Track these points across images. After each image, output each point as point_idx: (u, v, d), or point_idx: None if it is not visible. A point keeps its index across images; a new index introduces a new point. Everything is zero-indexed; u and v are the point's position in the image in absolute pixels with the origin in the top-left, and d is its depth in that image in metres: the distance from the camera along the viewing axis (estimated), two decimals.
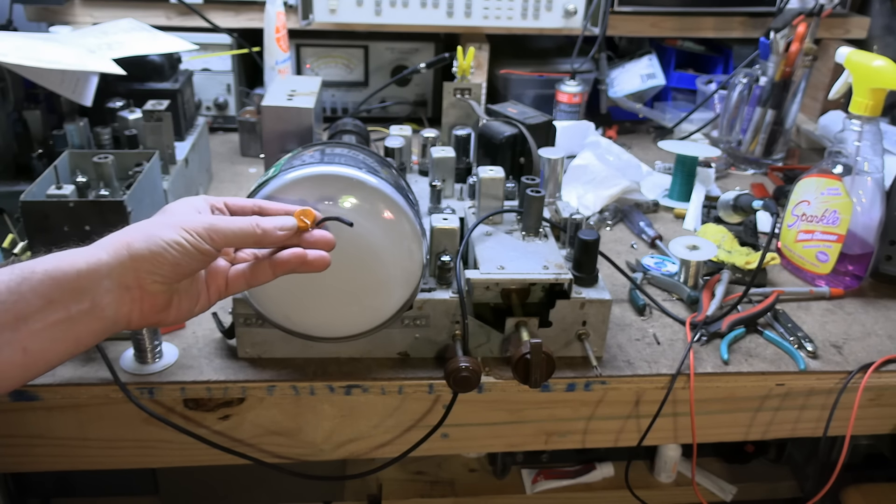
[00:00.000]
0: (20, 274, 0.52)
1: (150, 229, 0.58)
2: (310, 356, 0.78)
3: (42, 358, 0.54)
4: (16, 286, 0.51)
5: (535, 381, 0.72)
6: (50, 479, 1.37)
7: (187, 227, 0.58)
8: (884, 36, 1.48)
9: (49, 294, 0.53)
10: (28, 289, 0.52)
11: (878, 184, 0.95)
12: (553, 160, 0.94)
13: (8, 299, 0.51)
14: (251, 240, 0.61)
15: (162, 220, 0.59)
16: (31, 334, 0.52)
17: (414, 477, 1.44)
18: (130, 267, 0.56)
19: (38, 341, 0.53)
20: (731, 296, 0.93)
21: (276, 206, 0.65)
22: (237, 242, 0.61)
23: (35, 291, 0.52)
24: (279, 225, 0.62)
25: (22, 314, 0.52)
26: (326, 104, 1.47)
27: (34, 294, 0.52)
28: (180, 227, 0.58)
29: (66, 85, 0.97)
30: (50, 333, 0.53)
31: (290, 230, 0.62)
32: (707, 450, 1.52)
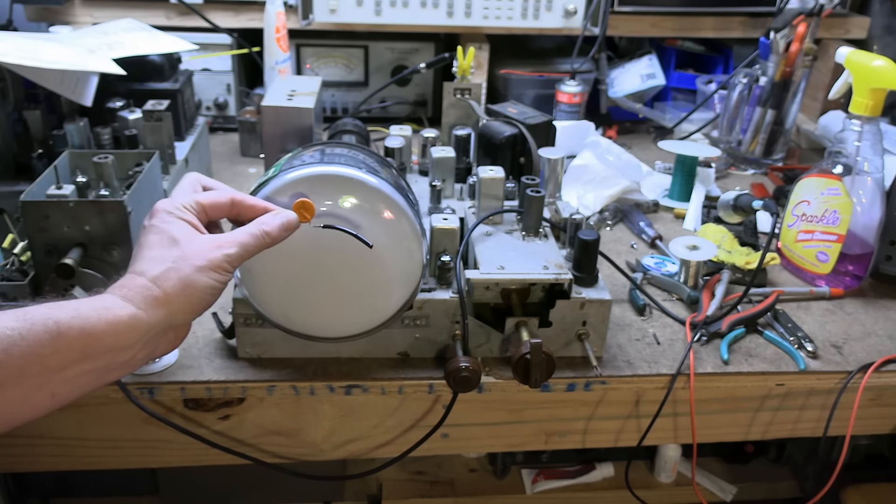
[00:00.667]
0: (54, 329, 0.51)
1: (182, 277, 0.57)
2: (310, 356, 0.78)
3: (67, 399, 0.54)
4: (50, 341, 0.51)
5: (535, 381, 0.72)
6: (50, 479, 1.37)
7: (215, 267, 0.59)
8: (884, 36, 1.48)
9: (85, 350, 0.53)
10: (64, 344, 0.52)
11: (878, 184, 0.95)
12: (553, 160, 0.94)
13: (42, 352, 0.51)
14: (261, 249, 0.63)
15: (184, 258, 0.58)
16: (62, 381, 0.53)
17: (414, 477, 1.44)
18: (168, 321, 0.58)
19: (68, 387, 0.53)
20: (731, 296, 0.93)
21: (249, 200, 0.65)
22: (249, 257, 0.62)
23: (70, 347, 0.52)
24: (284, 224, 0.63)
25: (55, 367, 0.52)
26: (326, 104, 1.47)
27: (69, 349, 0.52)
28: (210, 270, 0.58)
29: (66, 85, 0.97)
30: (82, 380, 0.54)
31: (293, 228, 0.64)
32: (707, 450, 1.52)
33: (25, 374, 0.50)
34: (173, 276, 0.57)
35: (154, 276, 0.57)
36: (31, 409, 0.52)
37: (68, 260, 0.78)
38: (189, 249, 0.59)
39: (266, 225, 0.62)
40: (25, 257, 0.85)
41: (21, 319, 0.51)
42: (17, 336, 0.50)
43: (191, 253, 0.59)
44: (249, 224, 0.63)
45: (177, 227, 0.60)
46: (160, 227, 0.60)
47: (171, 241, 0.59)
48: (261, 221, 0.63)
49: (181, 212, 0.61)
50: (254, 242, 0.61)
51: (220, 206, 0.64)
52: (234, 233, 0.62)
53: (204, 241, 0.60)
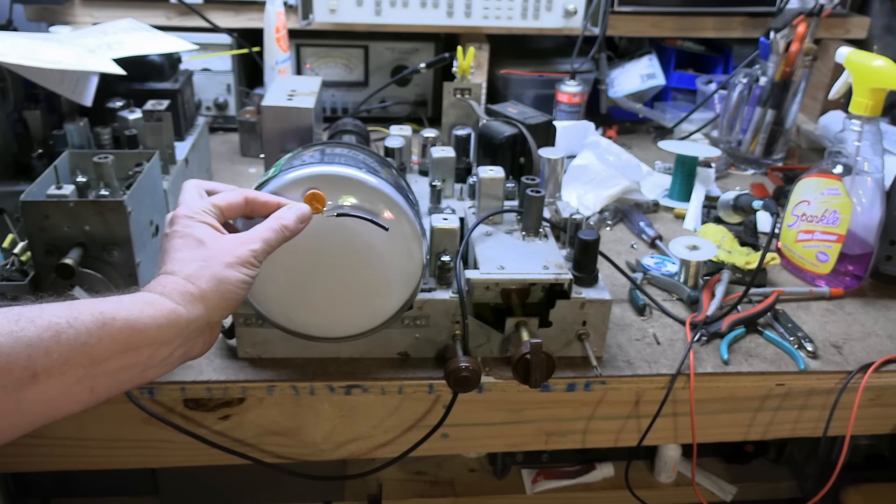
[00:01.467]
0: (100, 318, 0.52)
1: (214, 273, 0.59)
2: (310, 356, 0.78)
3: (104, 396, 0.54)
4: (96, 330, 0.51)
5: (535, 381, 0.72)
6: (50, 479, 1.37)
7: (243, 261, 0.60)
8: (884, 36, 1.48)
9: (128, 342, 0.53)
10: (108, 335, 0.52)
11: (878, 184, 0.95)
12: (553, 160, 0.94)
13: (88, 341, 0.51)
14: (282, 243, 0.64)
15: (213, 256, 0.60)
16: (103, 375, 0.53)
17: (414, 477, 1.44)
18: (206, 317, 0.58)
19: (107, 382, 0.53)
20: (731, 296, 0.93)
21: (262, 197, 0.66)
22: (272, 252, 0.63)
23: (114, 338, 0.52)
24: (299, 217, 0.65)
25: (99, 357, 0.52)
26: (326, 104, 1.47)
27: (113, 340, 0.52)
28: (239, 266, 0.60)
29: (66, 85, 0.97)
30: (121, 376, 0.54)
31: (308, 220, 0.66)
32: (707, 450, 1.52)
33: (70, 363, 0.50)
34: (206, 274, 0.58)
35: (188, 274, 0.58)
36: (69, 402, 0.52)
37: (68, 260, 0.78)
38: (216, 248, 0.60)
39: (283, 219, 0.64)
40: (25, 257, 0.85)
41: (67, 308, 0.51)
42: (65, 324, 0.50)
43: (218, 251, 0.60)
44: (268, 220, 0.64)
45: (200, 230, 0.61)
46: (183, 232, 0.61)
47: (198, 243, 0.60)
48: (278, 216, 0.64)
49: (201, 216, 0.62)
50: (275, 237, 0.63)
51: (235, 206, 0.65)
52: (256, 229, 0.63)
53: (229, 240, 0.61)
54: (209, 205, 0.64)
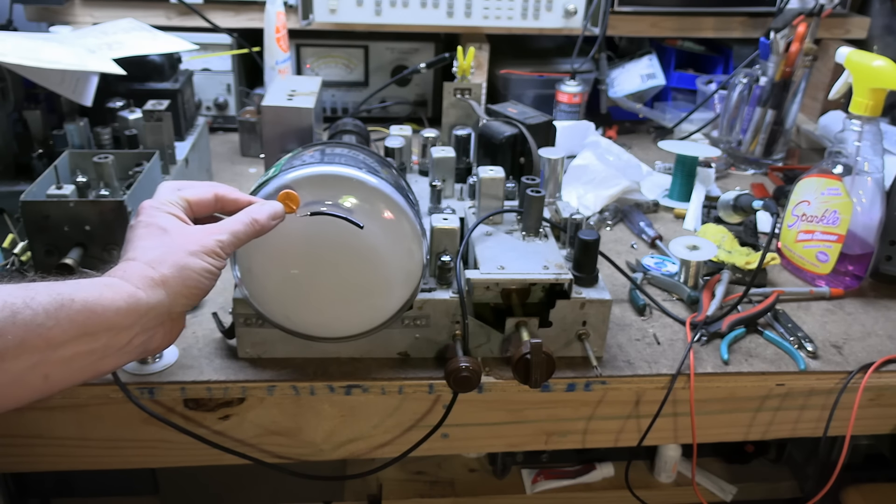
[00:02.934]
0: (57, 299, 0.50)
1: (177, 260, 0.58)
2: (310, 356, 0.78)
3: (59, 386, 0.53)
4: (53, 311, 0.50)
5: (535, 381, 0.72)
6: (50, 479, 1.37)
7: (207, 251, 0.59)
8: (884, 36, 1.48)
9: (86, 326, 0.52)
10: (65, 316, 0.51)
11: (878, 184, 0.95)
12: (553, 160, 0.94)
13: (45, 323, 0.49)
14: (251, 238, 0.63)
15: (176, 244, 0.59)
16: (58, 361, 0.51)
17: (414, 477, 1.44)
18: (167, 304, 0.57)
19: (61, 370, 0.52)
20: (732, 296, 0.93)
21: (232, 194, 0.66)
22: (241, 245, 0.63)
23: (72, 321, 0.51)
24: (271, 214, 0.64)
25: (55, 341, 0.50)
26: (326, 104, 1.47)
27: (70, 323, 0.51)
28: (202, 254, 0.59)
29: (66, 85, 0.97)
30: (76, 364, 0.53)
31: (280, 217, 0.65)
32: (707, 450, 1.52)
33: (25, 346, 0.49)
34: (168, 260, 0.58)
35: (149, 259, 0.57)
36: (21, 390, 0.50)
37: (68, 260, 0.78)
38: (180, 237, 0.59)
39: (254, 214, 0.64)
40: (25, 257, 0.85)
41: (24, 288, 0.50)
42: (21, 304, 0.49)
43: (182, 240, 0.59)
44: (239, 213, 0.64)
45: (164, 219, 0.61)
46: (147, 221, 0.61)
47: (161, 231, 0.60)
48: (249, 211, 0.64)
49: (167, 206, 0.62)
50: (244, 230, 0.62)
51: (204, 201, 0.65)
52: (224, 221, 0.62)
53: (195, 230, 0.61)
54: (177, 198, 0.63)
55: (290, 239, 0.68)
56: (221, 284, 0.90)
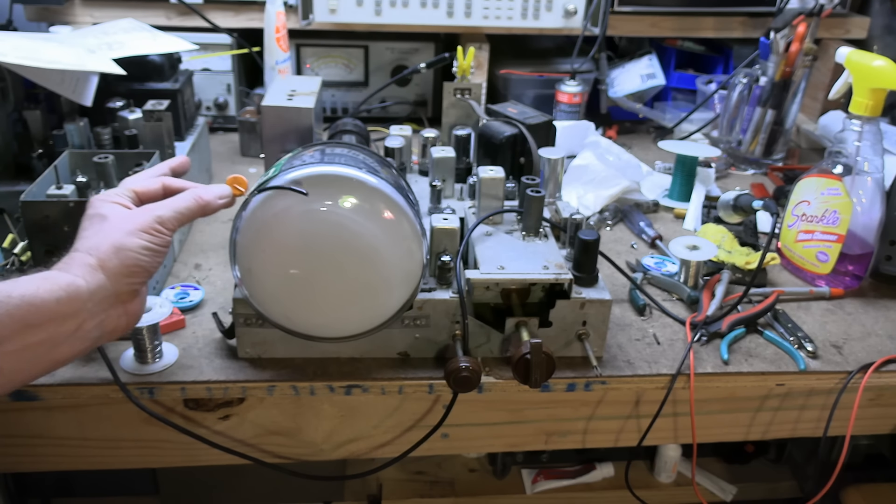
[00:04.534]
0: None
1: (112, 242, 0.60)
2: (310, 356, 0.78)
3: (16, 378, 0.54)
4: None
5: (535, 381, 0.72)
6: (50, 479, 1.37)
7: (145, 228, 0.61)
8: (884, 36, 1.48)
9: (26, 319, 0.53)
10: (5, 312, 0.52)
11: (878, 184, 0.95)
12: (553, 160, 0.94)
13: None
14: (196, 214, 0.66)
15: (114, 227, 0.61)
16: (6, 355, 0.53)
17: (414, 477, 1.44)
18: (110, 286, 0.59)
19: (13, 362, 0.53)
20: (731, 296, 0.93)
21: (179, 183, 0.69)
22: (186, 220, 0.65)
23: (11, 316, 0.53)
24: (218, 194, 0.67)
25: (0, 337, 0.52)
26: (326, 104, 1.47)
27: (11, 318, 0.52)
28: (139, 231, 0.61)
29: (66, 85, 0.97)
30: (27, 355, 0.54)
31: (227, 198, 0.68)
32: (707, 450, 1.52)
33: None
34: (104, 244, 0.60)
35: (87, 246, 0.60)
36: None
37: None
38: (118, 220, 0.61)
39: (200, 192, 0.66)
40: (25, 257, 0.85)
41: None
42: None
43: (120, 223, 0.61)
44: (183, 192, 0.66)
45: (106, 208, 0.63)
46: (90, 213, 0.63)
47: (101, 219, 0.62)
48: (194, 190, 0.66)
49: (111, 197, 0.64)
50: (186, 205, 0.64)
51: (152, 190, 0.67)
52: (168, 199, 0.65)
53: (134, 211, 0.63)
54: (123, 188, 0.66)
55: (290, 239, 0.68)
56: (221, 284, 0.91)
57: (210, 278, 0.93)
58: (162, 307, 0.76)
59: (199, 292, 0.88)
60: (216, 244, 1.01)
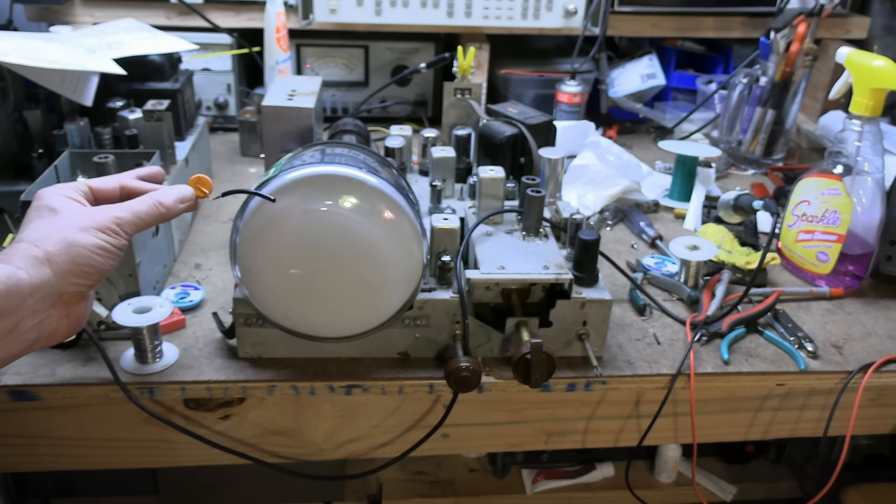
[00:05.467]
0: None
1: (64, 236, 0.54)
2: (310, 356, 0.78)
3: None
4: None
5: (535, 381, 0.72)
6: (50, 479, 1.37)
7: (101, 227, 0.56)
8: (884, 36, 1.48)
9: None
10: None
11: (878, 184, 0.95)
12: (553, 160, 0.94)
13: None
14: (156, 220, 0.62)
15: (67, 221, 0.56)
16: None
17: (414, 477, 1.44)
18: (55, 283, 0.54)
19: None
20: (732, 296, 0.93)
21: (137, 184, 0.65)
22: (145, 226, 0.61)
23: None
24: (179, 197, 0.63)
25: None
26: (326, 104, 1.47)
27: None
28: (95, 230, 0.56)
29: (66, 85, 0.97)
30: None
31: (189, 201, 0.64)
32: (707, 450, 1.52)
33: None
34: (55, 236, 0.55)
35: (35, 238, 0.54)
36: None
37: None
38: (71, 216, 0.57)
39: (159, 196, 0.62)
40: None
41: None
42: None
43: (73, 218, 0.56)
44: (143, 195, 0.62)
45: (58, 201, 0.58)
46: (38, 205, 0.58)
47: (51, 212, 0.57)
48: (155, 194, 0.63)
49: (64, 191, 0.59)
50: (146, 210, 0.60)
51: (109, 189, 0.63)
52: (127, 202, 0.61)
53: (89, 209, 0.58)
54: (78, 182, 0.61)
55: (290, 239, 0.68)
56: (221, 284, 0.91)
57: (210, 278, 0.93)
58: (162, 307, 0.76)
59: (199, 292, 0.88)
60: (216, 244, 1.01)
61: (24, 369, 0.75)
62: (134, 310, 0.75)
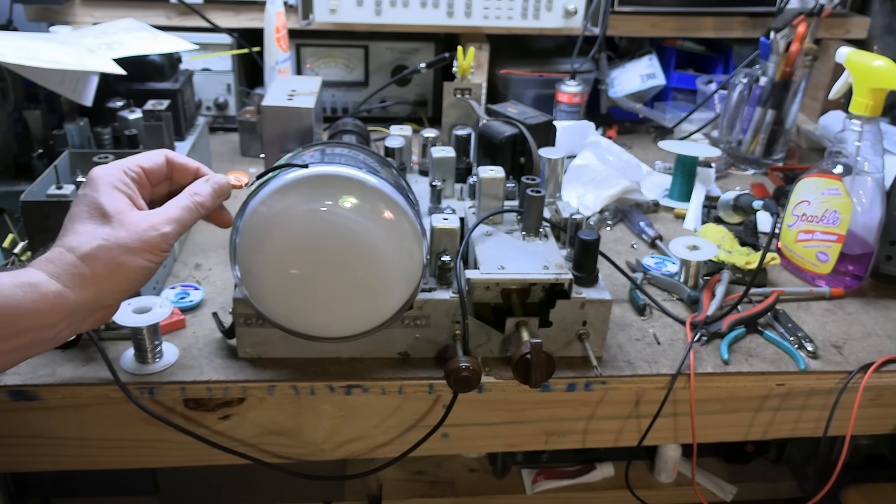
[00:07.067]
0: None
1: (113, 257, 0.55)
2: (310, 356, 0.78)
3: None
4: None
5: (535, 381, 0.72)
6: (50, 479, 1.37)
7: (150, 248, 0.57)
8: (884, 36, 1.48)
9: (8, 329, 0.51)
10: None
11: (878, 184, 0.95)
12: (553, 160, 0.94)
13: None
14: (197, 220, 0.62)
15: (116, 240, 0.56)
16: None
17: (414, 477, 1.44)
18: (98, 300, 0.55)
19: None
20: (732, 296, 0.93)
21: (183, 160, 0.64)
22: (187, 229, 0.61)
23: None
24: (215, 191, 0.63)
25: None
26: (326, 104, 1.47)
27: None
28: (144, 251, 0.56)
29: (66, 85, 0.97)
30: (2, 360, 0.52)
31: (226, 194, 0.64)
32: (707, 450, 1.52)
33: None
34: (104, 256, 0.55)
35: (83, 253, 0.55)
36: None
37: None
38: (121, 228, 0.56)
39: (199, 195, 0.61)
40: (25, 257, 0.85)
41: None
42: None
43: (123, 232, 0.56)
44: (181, 195, 0.61)
45: (110, 201, 0.57)
46: (92, 199, 0.57)
47: (103, 216, 0.56)
48: (193, 191, 0.61)
49: (116, 182, 0.58)
50: (189, 216, 0.60)
51: (158, 167, 0.62)
52: (168, 208, 0.60)
53: (139, 219, 0.57)
54: (130, 164, 0.60)
55: (290, 239, 0.67)
56: (221, 284, 0.91)
57: (210, 278, 0.93)
58: (162, 307, 0.76)
59: (199, 292, 0.88)
60: (216, 244, 1.01)
61: (24, 369, 0.75)
62: (134, 310, 0.75)
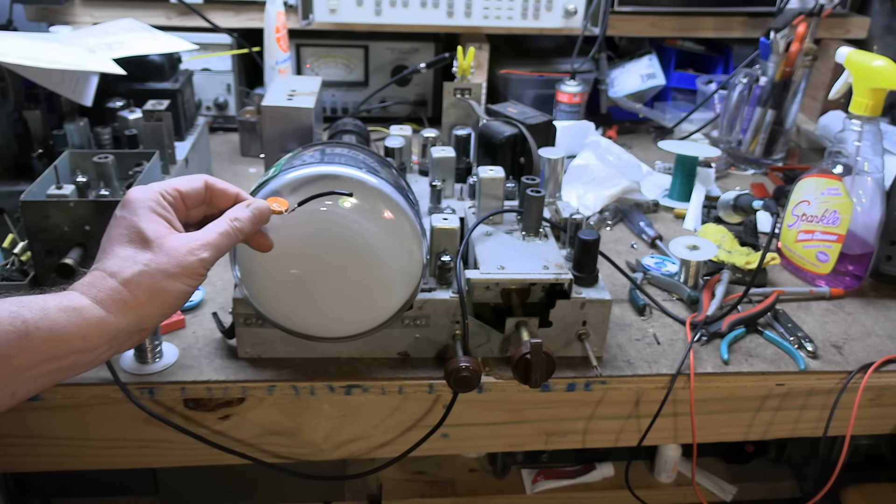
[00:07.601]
0: (22, 329, 0.50)
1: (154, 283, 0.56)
2: (310, 356, 0.78)
3: (26, 397, 0.53)
4: (17, 341, 0.50)
5: (535, 381, 0.72)
6: (50, 479, 1.37)
7: (189, 273, 0.57)
8: (884, 36, 1.48)
9: (52, 352, 0.52)
10: (31, 345, 0.50)
11: (878, 184, 0.95)
12: (553, 160, 0.94)
13: (9, 353, 0.50)
14: (235, 244, 0.62)
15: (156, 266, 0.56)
16: (25, 381, 0.52)
17: (414, 477, 1.44)
18: (137, 325, 0.57)
19: (28, 386, 0.52)
20: (732, 296, 0.93)
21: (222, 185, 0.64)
22: (224, 254, 0.61)
23: (37, 349, 0.51)
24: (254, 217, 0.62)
25: (21, 367, 0.51)
26: (326, 104, 1.47)
27: (35, 351, 0.51)
28: (184, 276, 0.57)
29: (66, 85, 0.97)
30: (44, 380, 0.53)
31: (265, 218, 0.63)
32: (707, 450, 1.52)
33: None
34: (145, 282, 0.56)
35: (125, 278, 0.55)
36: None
37: (68, 260, 0.78)
38: (161, 253, 0.57)
39: (238, 221, 0.61)
40: (25, 257, 0.85)
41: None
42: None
43: (163, 258, 0.57)
44: (220, 220, 0.61)
45: (149, 225, 0.58)
46: (130, 223, 0.58)
47: (143, 241, 0.57)
48: (232, 216, 0.61)
49: (157, 202, 0.59)
50: (227, 242, 0.60)
51: (196, 192, 0.62)
52: (207, 232, 0.60)
53: (178, 244, 0.58)
54: (171, 188, 0.60)
55: (290, 239, 0.67)
56: (221, 284, 0.91)
57: (210, 278, 0.92)
58: None
59: (199, 292, 0.88)
60: None
61: None
62: None
